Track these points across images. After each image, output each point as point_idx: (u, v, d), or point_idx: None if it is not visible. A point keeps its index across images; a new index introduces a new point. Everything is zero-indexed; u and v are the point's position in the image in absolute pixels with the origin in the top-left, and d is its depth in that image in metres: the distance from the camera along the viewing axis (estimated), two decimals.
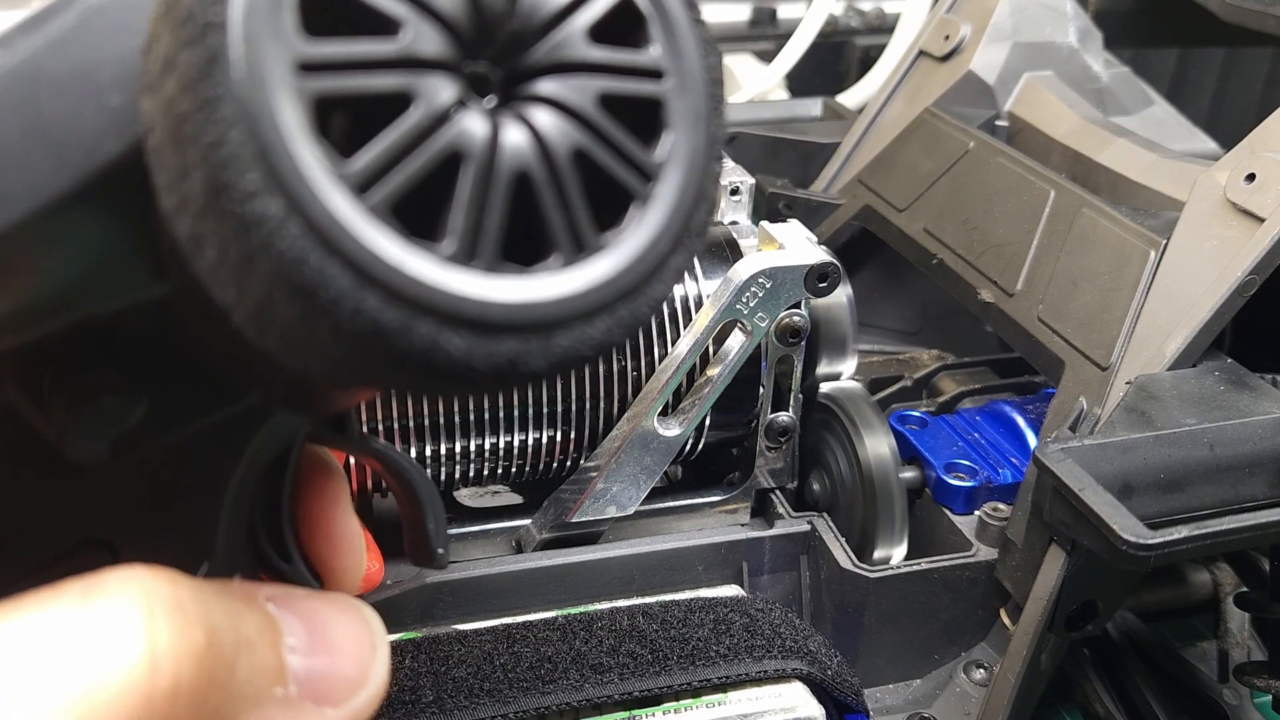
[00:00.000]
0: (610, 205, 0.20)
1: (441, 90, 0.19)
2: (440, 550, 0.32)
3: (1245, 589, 0.60)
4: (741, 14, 1.14)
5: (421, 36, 0.19)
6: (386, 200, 0.18)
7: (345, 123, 0.19)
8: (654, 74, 0.21)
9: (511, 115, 0.19)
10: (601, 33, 0.20)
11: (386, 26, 0.18)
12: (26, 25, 0.19)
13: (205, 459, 0.26)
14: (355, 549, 0.32)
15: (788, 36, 0.98)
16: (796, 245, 0.52)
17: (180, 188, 0.18)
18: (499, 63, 0.20)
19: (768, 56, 1.01)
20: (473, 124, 0.19)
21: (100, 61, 0.19)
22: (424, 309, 0.18)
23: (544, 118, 0.19)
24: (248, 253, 0.18)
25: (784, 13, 1.14)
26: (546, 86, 0.20)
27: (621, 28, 0.20)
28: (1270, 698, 0.54)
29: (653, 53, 0.21)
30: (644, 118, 0.21)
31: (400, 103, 0.18)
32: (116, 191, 0.20)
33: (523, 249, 0.20)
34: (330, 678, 0.24)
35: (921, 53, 0.77)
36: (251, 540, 0.29)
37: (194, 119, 0.17)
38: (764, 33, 1.12)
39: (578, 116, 0.20)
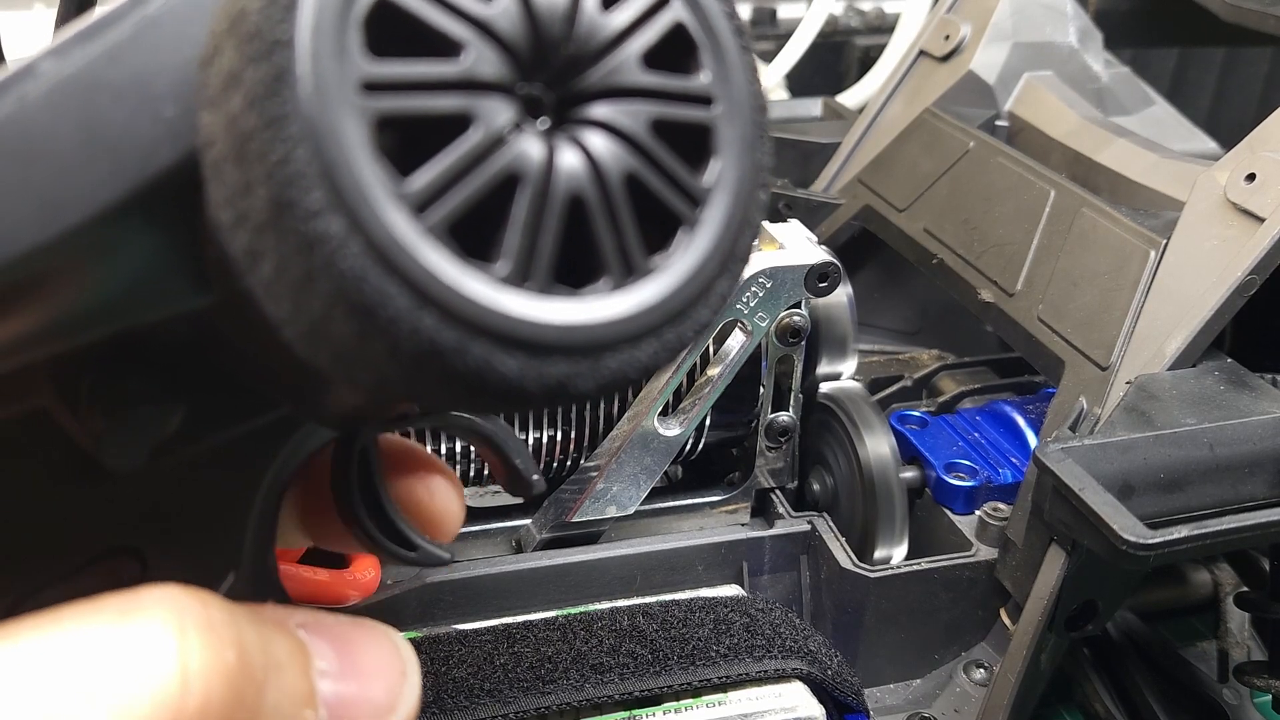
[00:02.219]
0: (658, 228, 0.21)
1: (500, 112, 0.19)
2: (535, 477, 0.32)
3: (1245, 589, 0.60)
4: (741, 14, 1.14)
5: (482, 59, 0.19)
6: (445, 220, 0.18)
7: (395, 141, 0.19)
8: (704, 100, 0.21)
9: (566, 138, 0.20)
10: (655, 58, 0.20)
11: (449, 48, 0.19)
12: (82, 34, 0.19)
13: (235, 468, 0.26)
14: (449, 496, 0.32)
15: (788, 36, 0.98)
16: (797, 245, 0.52)
17: (240, 203, 0.18)
18: (553, 85, 0.20)
19: (768, 56, 1.01)
20: (529, 147, 0.19)
21: (156, 71, 0.19)
22: (480, 329, 0.18)
23: (598, 142, 0.20)
24: (308, 270, 0.18)
25: (784, 13, 1.14)
26: (600, 110, 0.20)
27: (673, 53, 0.21)
28: (1270, 698, 0.54)
29: (703, 79, 0.21)
30: (693, 143, 0.21)
31: (459, 124, 0.19)
32: (167, 202, 0.20)
33: (572, 271, 0.20)
34: (359, 703, 0.24)
35: (921, 53, 0.77)
36: (363, 531, 0.29)
37: (260, 136, 0.17)
38: (764, 33, 1.12)
39: (631, 141, 0.20)
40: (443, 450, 0.51)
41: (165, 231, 0.20)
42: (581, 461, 0.53)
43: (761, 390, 0.54)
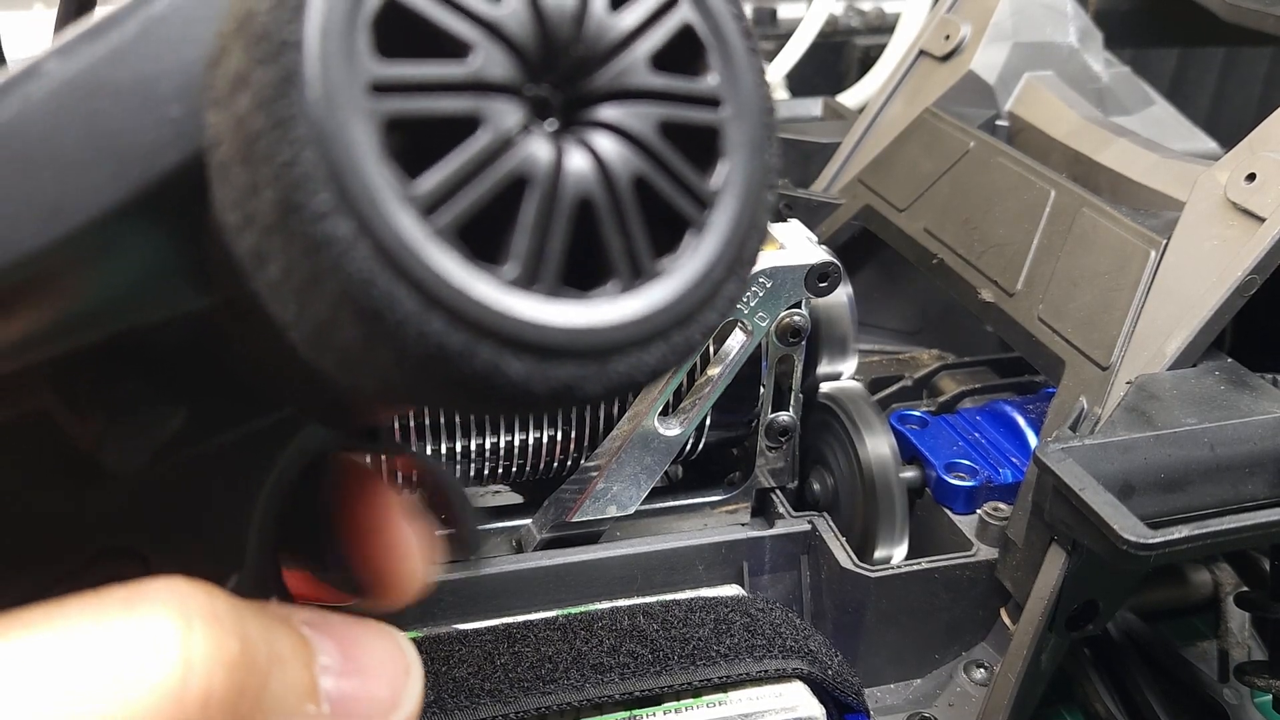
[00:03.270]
0: (666, 231, 0.20)
1: (509, 114, 0.19)
2: (475, 541, 0.32)
3: (1245, 589, 0.60)
4: None
5: (491, 60, 0.19)
6: (453, 223, 0.18)
7: (402, 142, 0.19)
8: (712, 102, 0.21)
9: (574, 140, 0.20)
10: (663, 60, 0.20)
11: (457, 49, 0.18)
12: (87, 34, 0.19)
13: (238, 470, 0.26)
14: (409, 553, 0.32)
15: (788, 36, 0.98)
16: (797, 245, 0.52)
17: (247, 205, 0.18)
18: (561, 87, 0.20)
19: (768, 56, 1.01)
20: (538, 149, 0.19)
21: (161, 72, 0.19)
22: (487, 333, 0.18)
23: (606, 144, 0.20)
24: (315, 273, 0.18)
25: (784, 13, 1.14)
26: (609, 112, 0.20)
27: (682, 55, 0.21)
28: (1270, 697, 0.54)
29: (711, 81, 0.21)
30: (701, 145, 0.21)
31: (467, 125, 0.18)
32: (171, 203, 0.20)
33: (580, 274, 0.20)
34: (362, 700, 0.24)
35: (922, 53, 0.77)
36: (290, 550, 0.29)
37: (267, 137, 0.17)
38: (764, 33, 1.12)
39: (639, 143, 0.20)
40: (443, 450, 0.51)
41: (169, 233, 0.20)
42: (582, 461, 0.53)
43: (761, 390, 0.54)
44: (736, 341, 0.51)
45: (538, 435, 0.52)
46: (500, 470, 0.53)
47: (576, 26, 0.20)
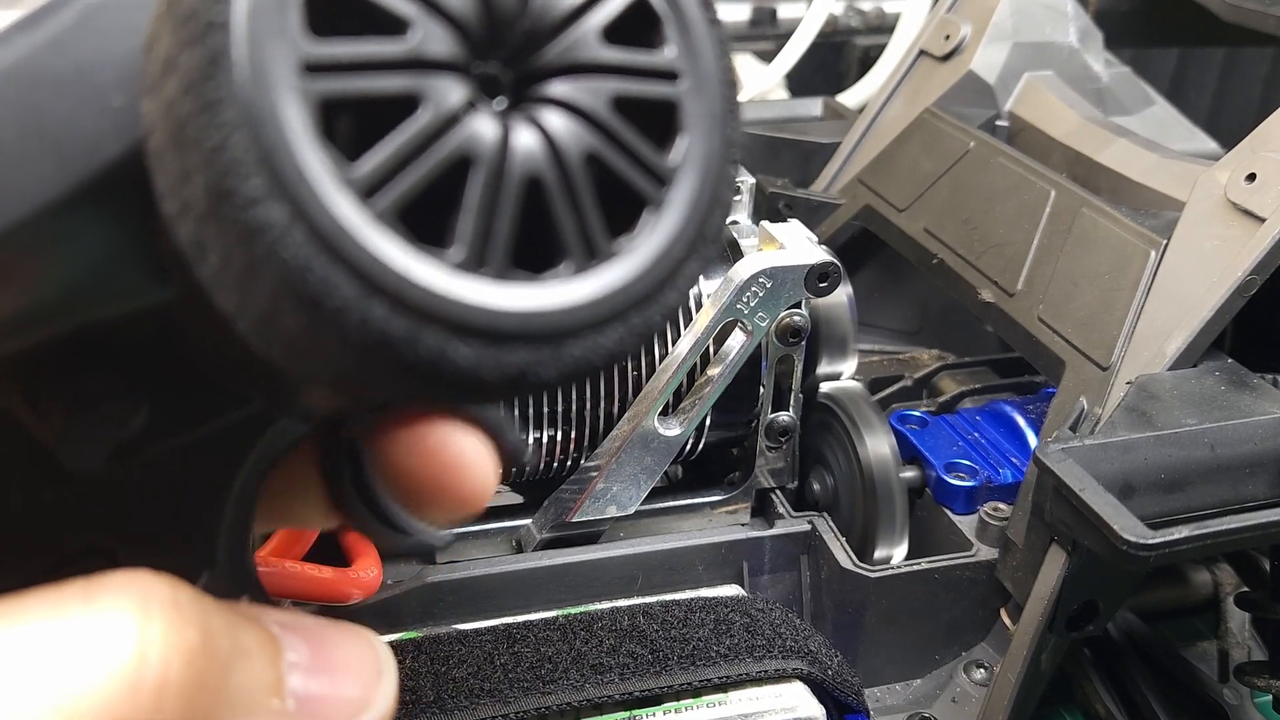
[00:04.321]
0: (623, 210, 0.20)
1: (451, 92, 0.18)
2: (520, 449, 0.31)
3: (1245, 589, 0.60)
4: (741, 14, 1.14)
5: (430, 37, 0.18)
6: (394, 205, 0.18)
7: (351, 125, 0.18)
8: (669, 75, 0.20)
9: (523, 118, 0.19)
10: (616, 33, 0.20)
11: (394, 26, 0.18)
12: (24, 23, 0.19)
13: (208, 466, 0.26)
14: (470, 460, 0.31)
15: (788, 36, 0.98)
16: (797, 245, 0.52)
17: (182, 193, 0.18)
18: (510, 64, 0.19)
19: (768, 56, 1.01)
20: (483, 127, 0.18)
21: (101, 61, 0.19)
22: (431, 318, 0.18)
23: (556, 120, 0.19)
24: (251, 261, 0.17)
25: (784, 12, 1.14)
26: (559, 88, 0.19)
27: (636, 28, 0.20)
28: (1270, 698, 0.54)
29: (668, 54, 0.20)
30: (658, 120, 0.20)
31: (408, 105, 0.18)
32: (118, 194, 0.19)
33: (533, 255, 0.19)
34: (332, 699, 0.24)
35: (922, 52, 0.77)
36: (357, 520, 0.28)
37: (195, 122, 0.17)
38: (764, 32, 1.12)
39: (590, 119, 0.19)
40: None
41: (119, 225, 0.20)
42: (581, 461, 0.53)
43: (761, 390, 0.54)
44: (736, 341, 0.51)
45: (538, 435, 0.52)
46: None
47: (522, 0, 0.19)
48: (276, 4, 0.17)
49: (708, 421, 0.54)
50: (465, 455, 0.31)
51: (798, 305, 0.52)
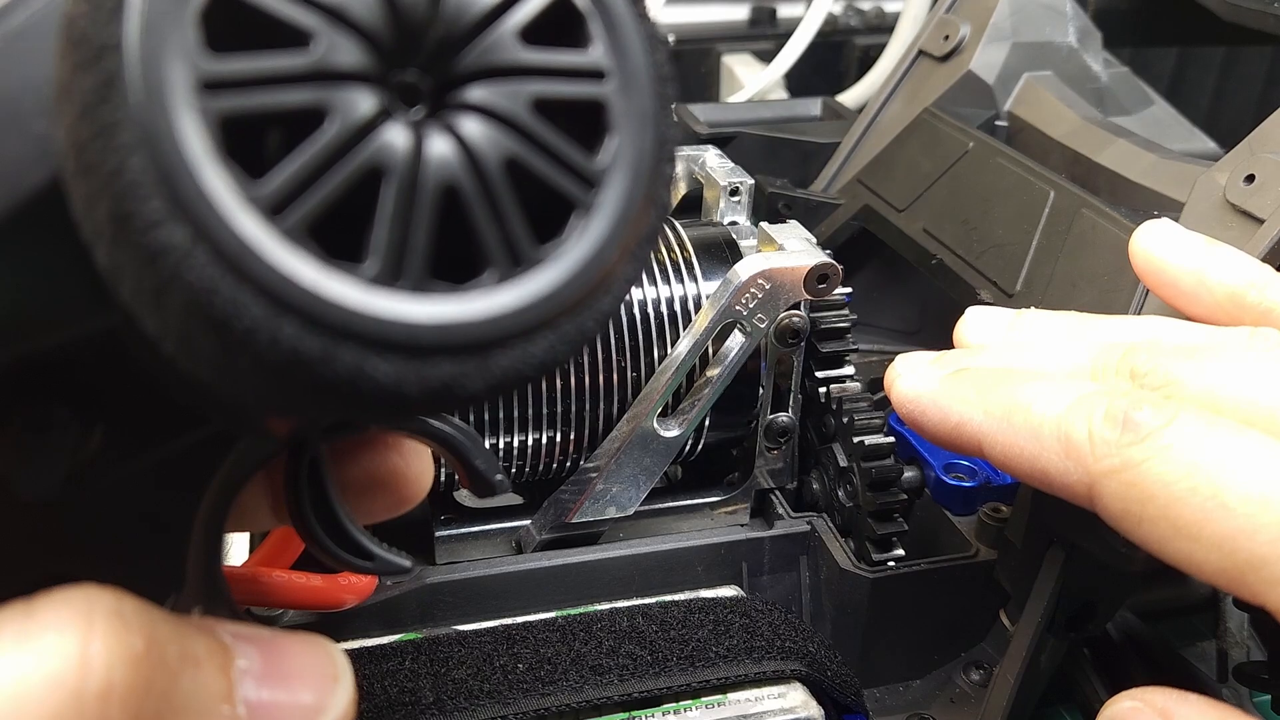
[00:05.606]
0: (553, 216, 0.19)
1: (359, 103, 0.18)
2: (499, 478, 0.31)
3: None
4: (741, 14, 1.14)
5: (335, 47, 0.18)
6: (302, 222, 0.17)
7: (279, 142, 0.18)
8: (594, 75, 0.20)
9: (439, 125, 0.19)
10: (536, 34, 0.19)
11: (297, 39, 0.18)
12: None
13: (170, 488, 0.25)
14: (411, 459, 0.32)
15: (787, 36, 0.98)
16: (796, 246, 0.52)
17: (90, 219, 0.17)
18: (429, 71, 0.19)
19: (767, 56, 1.01)
20: (394, 137, 0.18)
21: (22, 88, 0.18)
22: (345, 334, 0.17)
23: (472, 127, 0.19)
24: (157, 284, 0.17)
25: (783, 12, 1.14)
26: (476, 93, 0.19)
27: (558, 28, 0.20)
28: (1269, 698, 0.54)
29: (593, 53, 0.20)
30: (586, 122, 0.20)
31: (315, 118, 0.18)
32: (47, 221, 0.19)
33: (458, 266, 0.19)
34: (285, 705, 0.24)
35: (921, 53, 0.77)
36: (317, 545, 0.28)
37: (93, 146, 0.17)
38: (763, 32, 1.12)
39: (509, 123, 0.19)
40: None
41: (52, 251, 0.19)
42: (581, 462, 0.53)
43: (761, 391, 0.54)
44: (735, 343, 0.51)
45: (537, 436, 0.52)
46: None
47: (433, 5, 0.18)
48: (171, 22, 0.17)
49: (707, 422, 0.54)
50: (403, 451, 0.31)
51: (796, 306, 0.52)
